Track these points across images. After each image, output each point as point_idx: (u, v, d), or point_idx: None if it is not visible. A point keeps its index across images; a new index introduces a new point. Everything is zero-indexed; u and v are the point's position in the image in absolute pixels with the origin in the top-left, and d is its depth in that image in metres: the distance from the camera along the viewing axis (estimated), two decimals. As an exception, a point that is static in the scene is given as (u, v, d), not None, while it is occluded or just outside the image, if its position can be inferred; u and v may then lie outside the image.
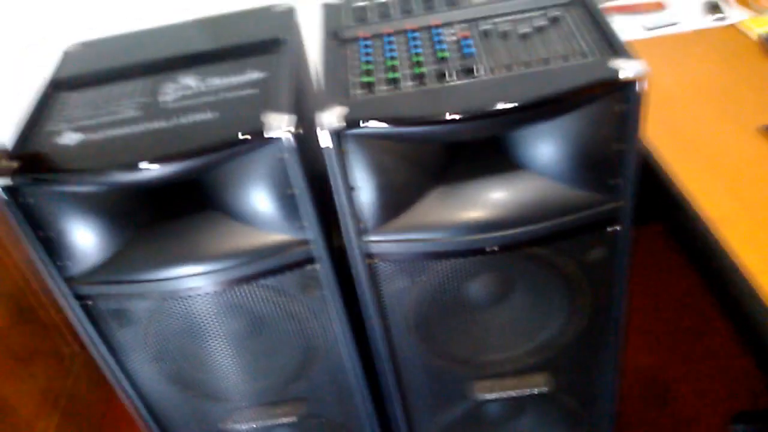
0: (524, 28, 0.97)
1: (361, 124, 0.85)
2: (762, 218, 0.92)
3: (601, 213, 0.95)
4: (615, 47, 0.90)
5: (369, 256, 0.98)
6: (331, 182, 0.90)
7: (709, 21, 1.41)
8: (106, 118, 0.97)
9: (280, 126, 0.87)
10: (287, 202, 0.94)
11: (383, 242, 0.96)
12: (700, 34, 1.39)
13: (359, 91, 0.91)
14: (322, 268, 1.00)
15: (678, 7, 1.49)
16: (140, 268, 0.95)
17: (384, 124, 0.85)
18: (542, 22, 0.97)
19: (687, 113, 1.15)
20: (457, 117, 0.84)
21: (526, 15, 1.00)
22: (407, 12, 1.05)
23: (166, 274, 0.96)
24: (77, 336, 1.72)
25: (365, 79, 0.92)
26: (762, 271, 0.85)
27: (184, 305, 0.99)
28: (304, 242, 0.97)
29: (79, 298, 1.00)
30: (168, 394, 1.13)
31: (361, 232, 0.95)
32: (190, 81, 1.01)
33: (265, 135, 0.86)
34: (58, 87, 1.07)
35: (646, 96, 0.86)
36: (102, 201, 0.95)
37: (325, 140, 0.86)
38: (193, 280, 0.96)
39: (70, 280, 0.98)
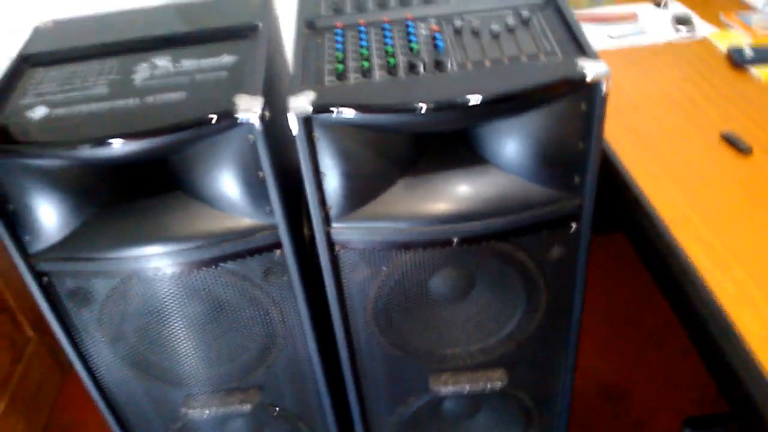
0: (495, 27, 0.99)
1: (331, 110, 0.86)
2: (715, 222, 0.95)
3: (561, 210, 0.97)
4: (582, 49, 0.92)
5: (335, 243, 0.98)
6: (302, 167, 0.91)
7: (679, 34, 1.45)
8: (76, 94, 0.96)
9: (250, 108, 0.87)
10: (255, 186, 0.94)
11: (348, 230, 0.97)
12: (670, 46, 1.42)
13: (331, 79, 0.92)
14: (287, 253, 1.00)
15: (648, 19, 1.52)
16: (102, 245, 0.95)
17: (353, 111, 0.86)
18: (513, 22, 0.99)
19: (652, 120, 1.18)
20: (425, 107, 0.85)
21: (498, 14, 1.02)
22: (383, 5, 1.07)
23: (128, 252, 0.95)
24: (32, 321, 1.70)
25: (338, 67, 0.93)
26: (710, 271, 0.87)
27: (144, 286, 0.99)
28: (270, 227, 0.98)
29: (39, 274, 0.99)
30: (124, 376, 1.12)
31: (328, 218, 0.96)
32: (163, 62, 1.01)
33: (236, 116, 0.87)
34: (27, 62, 1.06)
35: (608, 97, 0.88)
36: (67, 177, 0.94)
37: (294, 125, 0.87)
38: (156, 259, 0.96)
39: (30, 256, 0.97)
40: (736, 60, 1.30)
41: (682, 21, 1.47)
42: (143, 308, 1.02)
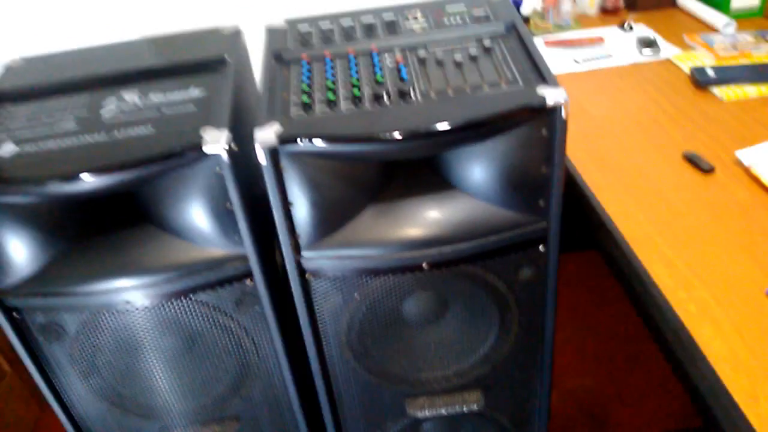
0: (458, 56, 1.01)
1: (297, 141, 0.87)
2: (678, 242, 0.97)
3: (529, 233, 0.98)
4: (542, 76, 0.94)
5: (305, 272, 0.99)
6: (270, 197, 0.92)
7: (644, 56, 1.49)
8: (44, 131, 0.97)
9: (218, 141, 0.88)
10: (224, 217, 0.95)
11: (319, 258, 0.98)
12: (634, 68, 1.46)
13: (297, 111, 0.93)
14: (258, 283, 1.01)
15: (614, 42, 1.56)
16: (72, 279, 0.95)
17: (319, 141, 0.88)
18: (476, 51, 1.02)
19: (615, 141, 1.20)
20: (390, 137, 0.87)
21: (462, 44, 1.04)
22: (349, 38, 1.09)
23: (98, 286, 0.95)
24: (7, 355, 1.68)
25: (304, 99, 0.95)
26: (673, 291, 0.89)
27: (115, 319, 0.99)
28: (240, 257, 0.98)
29: (9, 310, 0.99)
30: (98, 411, 1.11)
31: (298, 247, 0.97)
32: (131, 97, 1.02)
33: (203, 149, 0.88)
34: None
35: (569, 122, 0.90)
36: (35, 213, 0.95)
37: (261, 156, 0.88)
38: (126, 292, 0.96)
39: (0, 291, 0.96)
40: (699, 80, 1.33)
41: (646, 43, 1.51)
42: (115, 342, 1.02)
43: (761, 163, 1.08)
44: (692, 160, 1.12)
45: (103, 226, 0.99)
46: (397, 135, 0.87)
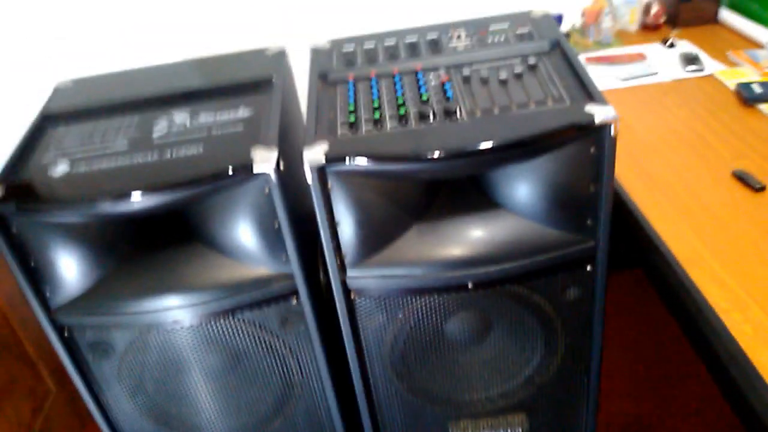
0: (503, 74, 1.00)
1: (344, 160, 0.88)
2: (730, 261, 0.94)
3: (576, 253, 0.97)
4: (589, 93, 0.93)
5: (350, 291, 0.99)
6: (317, 216, 0.92)
7: (687, 72, 1.47)
8: (96, 151, 0.99)
9: (266, 161, 0.89)
10: (271, 236, 0.96)
11: (364, 277, 0.98)
12: (678, 84, 1.44)
13: (344, 130, 0.94)
14: (303, 302, 1.01)
15: (657, 59, 1.54)
16: (121, 298, 0.96)
17: (365, 160, 0.88)
18: (520, 69, 1.01)
19: (662, 158, 1.19)
20: (437, 155, 0.87)
21: (506, 62, 1.04)
22: (393, 57, 1.09)
23: (147, 305, 0.97)
24: (53, 373, 1.71)
25: (350, 118, 0.95)
26: (727, 312, 0.87)
27: (163, 338, 1.00)
28: (287, 276, 0.99)
29: (60, 328, 1.00)
30: (143, 428, 1.12)
31: (343, 266, 0.97)
32: (180, 117, 1.03)
33: (252, 169, 0.89)
34: (48, 120, 1.09)
35: (617, 140, 0.89)
36: (87, 232, 0.96)
37: (309, 175, 0.89)
38: (174, 312, 0.97)
39: (52, 310, 0.98)
40: (745, 97, 1.30)
41: (690, 60, 1.49)
42: (162, 360, 1.03)
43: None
44: (742, 178, 1.09)
45: (152, 244, 1.00)
46: (441, 154, 0.87)
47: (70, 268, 0.97)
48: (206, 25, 1.54)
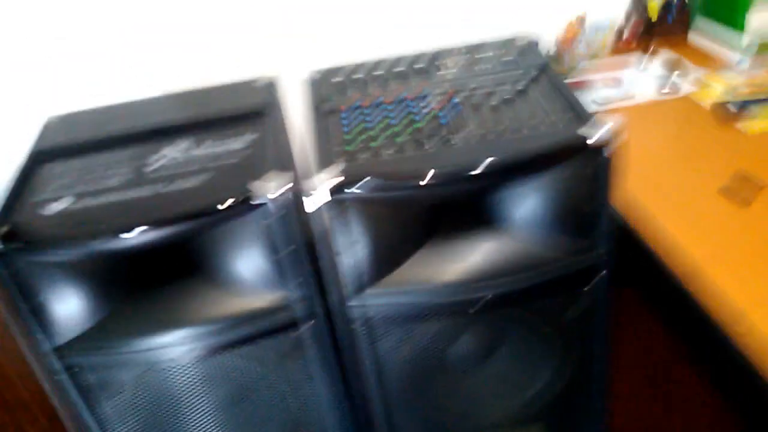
0: (494, 101, 1.03)
1: (350, 188, 0.89)
2: (728, 271, 0.97)
3: (580, 269, 0.99)
4: (581, 115, 0.96)
5: (352, 319, 0.99)
6: (318, 246, 0.93)
7: (662, 93, 1.51)
8: (92, 187, 0.98)
9: (271, 190, 0.90)
10: (275, 267, 0.95)
11: (366, 304, 0.98)
12: (655, 106, 1.48)
13: (341, 159, 0.95)
14: (308, 331, 1.01)
15: (631, 82, 1.59)
16: (126, 336, 0.95)
17: (370, 186, 0.89)
18: (510, 95, 1.04)
19: (646, 179, 1.22)
20: (439, 180, 0.88)
21: (496, 89, 1.06)
22: (384, 86, 1.11)
23: (151, 342, 0.95)
24: (45, 412, 1.66)
25: (347, 147, 0.96)
26: (730, 324, 0.89)
27: (171, 373, 0.98)
28: (294, 304, 0.98)
29: (64, 368, 0.98)
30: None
31: (344, 295, 0.97)
32: (174, 151, 1.03)
33: (255, 200, 0.89)
34: (40, 157, 1.08)
35: (616, 158, 0.92)
36: (88, 268, 0.95)
37: (312, 204, 0.89)
38: (182, 347, 0.96)
39: (54, 350, 0.96)
40: (721, 115, 1.35)
41: (664, 81, 1.54)
42: (171, 396, 1.01)
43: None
44: (729, 195, 1.13)
45: (154, 279, 0.99)
46: (447, 176, 0.88)
47: (71, 307, 0.95)
48: (179, 60, 1.54)
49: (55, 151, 1.09)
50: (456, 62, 1.15)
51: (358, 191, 0.89)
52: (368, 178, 0.90)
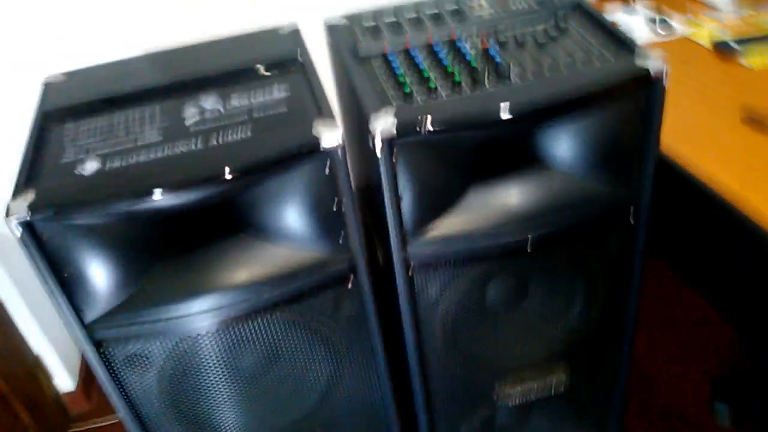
0: (539, 38, 1.01)
1: (416, 130, 0.86)
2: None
3: (620, 201, 1.00)
4: (629, 46, 0.96)
5: (410, 263, 0.97)
6: (382, 191, 0.90)
7: (660, 36, 1.54)
8: (124, 144, 0.91)
9: (332, 136, 0.86)
10: (328, 217, 0.92)
11: (422, 248, 0.96)
12: (657, 47, 1.50)
13: (399, 102, 0.92)
14: (361, 282, 0.98)
15: (626, 26, 1.60)
16: (165, 302, 0.90)
17: (437, 127, 0.86)
18: (552, 31, 1.03)
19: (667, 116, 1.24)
20: (509, 116, 0.86)
21: (536, 26, 1.05)
22: (420, 28, 1.07)
23: (191, 307, 0.90)
24: (27, 406, 1.57)
25: (405, 89, 0.93)
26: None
27: (211, 339, 0.94)
28: (343, 258, 0.95)
29: (97, 343, 0.92)
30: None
31: (405, 239, 0.95)
32: (212, 102, 0.97)
33: (321, 146, 0.85)
34: (51, 118, 0.99)
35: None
36: (122, 233, 0.88)
37: (378, 147, 0.86)
38: (224, 310, 0.92)
39: (87, 325, 0.90)
40: (725, 53, 1.38)
41: (659, 23, 1.56)
42: (207, 364, 0.97)
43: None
44: (754, 121, 1.16)
45: (194, 240, 0.92)
46: (511, 114, 0.87)
47: (105, 277, 0.88)
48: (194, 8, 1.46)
49: (67, 110, 1.00)
50: (489, 2, 1.12)
51: (427, 131, 0.86)
52: (438, 118, 0.87)
